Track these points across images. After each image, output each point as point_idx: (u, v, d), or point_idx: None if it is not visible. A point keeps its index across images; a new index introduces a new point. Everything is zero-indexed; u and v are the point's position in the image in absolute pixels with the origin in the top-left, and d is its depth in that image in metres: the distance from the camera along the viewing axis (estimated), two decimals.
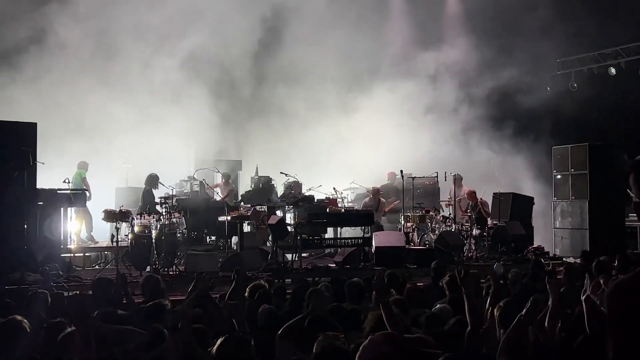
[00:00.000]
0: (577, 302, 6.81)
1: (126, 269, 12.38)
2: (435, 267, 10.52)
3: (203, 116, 18.78)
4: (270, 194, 17.04)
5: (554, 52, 21.08)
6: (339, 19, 20.02)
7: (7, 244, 10.78)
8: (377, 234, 14.53)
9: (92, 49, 17.88)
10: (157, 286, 8.16)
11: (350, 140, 19.97)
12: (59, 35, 17.38)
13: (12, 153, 10.97)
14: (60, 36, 17.39)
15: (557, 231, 18.00)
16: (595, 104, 19.71)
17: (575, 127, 19.69)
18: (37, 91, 16.82)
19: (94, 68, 17.79)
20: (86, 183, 15.63)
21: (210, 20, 18.55)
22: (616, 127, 19.22)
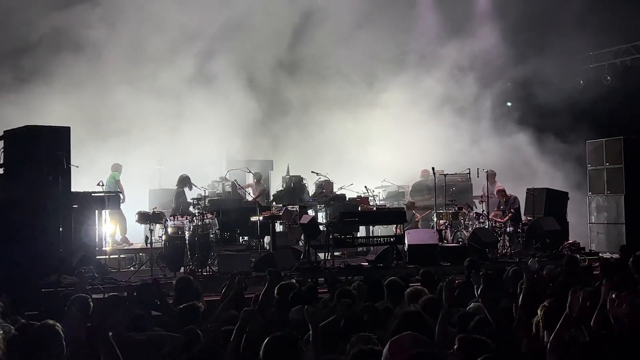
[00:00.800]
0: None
1: (160, 270, 12.50)
2: (468, 265, 10.44)
3: (234, 117, 18.88)
4: (301, 194, 17.06)
5: (586, 45, 20.74)
6: (366, 17, 19.97)
7: (43, 247, 10.89)
8: (410, 232, 14.45)
9: (124, 52, 18.02)
10: (189, 287, 8.21)
11: (381, 138, 19.89)
12: (90, 38, 17.60)
13: (47, 157, 11.09)
14: (91, 39, 17.61)
15: (593, 226, 17.77)
16: (629, 96, 19.38)
17: (609, 121, 19.38)
18: (69, 95, 17.04)
19: (126, 71, 17.96)
20: (120, 185, 15.77)
21: (240, 21, 18.62)
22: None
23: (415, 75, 20.35)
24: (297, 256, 13.50)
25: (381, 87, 20.55)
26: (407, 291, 7.41)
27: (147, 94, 18.00)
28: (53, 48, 17.15)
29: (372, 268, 13.22)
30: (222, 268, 12.40)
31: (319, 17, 19.72)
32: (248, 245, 15.53)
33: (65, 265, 11.07)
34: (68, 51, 17.43)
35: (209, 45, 18.62)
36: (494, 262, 13.77)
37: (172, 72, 18.23)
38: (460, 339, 4.68)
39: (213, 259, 13.23)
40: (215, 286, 11.32)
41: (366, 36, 19.99)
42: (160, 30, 18.07)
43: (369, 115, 20.15)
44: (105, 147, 16.99)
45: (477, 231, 14.84)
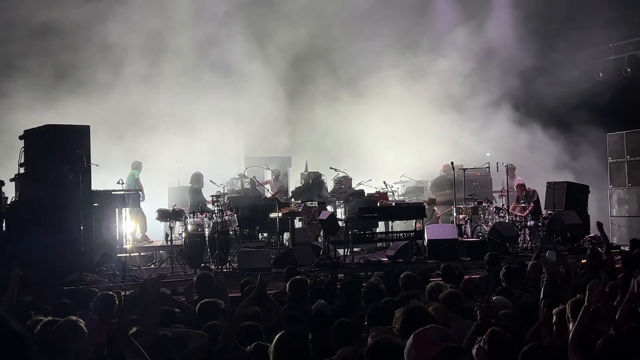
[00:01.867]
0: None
1: (181, 267, 12.55)
2: (489, 259, 10.42)
3: (252, 114, 18.95)
4: (320, 190, 17.05)
5: (605, 37, 20.54)
6: (381, 16, 19.94)
7: (65, 245, 10.96)
8: (430, 227, 14.44)
9: (142, 51, 18.08)
10: (210, 283, 8.25)
11: (399, 133, 19.80)
12: (107, 36, 17.65)
13: (67, 156, 11.15)
14: (108, 37, 17.67)
15: (614, 219, 17.64)
16: None
17: (630, 113, 19.20)
18: (88, 94, 17.16)
19: (145, 70, 18.00)
20: (139, 184, 15.85)
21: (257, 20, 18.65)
22: None
23: (433, 71, 20.27)
24: (317, 252, 13.52)
25: (398, 82, 20.47)
26: (428, 286, 7.39)
27: (165, 92, 18.11)
28: (73, 47, 17.19)
29: (392, 263, 13.20)
30: (242, 264, 12.45)
31: (337, 13, 19.71)
32: (267, 242, 15.59)
33: (86, 263, 11.15)
34: (87, 50, 17.51)
35: (227, 45, 18.65)
36: (515, 257, 13.69)
37: (190, 70, 18.29)
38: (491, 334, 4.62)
39: (233, 256, 13.28)
40: (236, 282, 11.37)
41: (383, 33, 19.94)
42: (178, 31, 18.12)
43: (387, 110, 20.06)
44: (124, 146, 17.06)
45: (497, 225, 14.78)
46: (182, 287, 11.35)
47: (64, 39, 17.00)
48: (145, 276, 11.67)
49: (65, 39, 17.01)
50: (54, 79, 17.19)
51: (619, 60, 21.23)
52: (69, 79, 17.21)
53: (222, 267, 12.41)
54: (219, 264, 12.46)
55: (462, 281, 8.41)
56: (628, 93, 19.70)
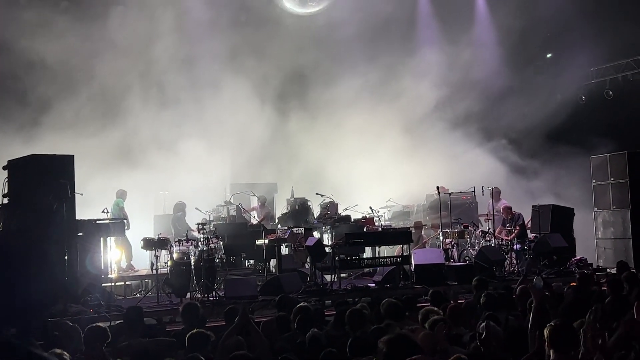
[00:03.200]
0: (623, 314, 6.68)
1: (167, 296, 12.44)
2: (477, 284, 10.39)
3: (237, 140, 18.95)
4: (306, 216, 17.04)
5: (587, 60, 20.79)
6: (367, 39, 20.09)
7: (49, 276, 10.84)
8: (416, 252, 14.43)
9: (131, 81, 18.08)
10: (196, 313, 8.19)
11: (385, 159, 19.86)
12: (92, 68, 17.67)
13: (51, 186, 11.08)
14: (93, 68, 17.67)
15: (600, 242, 17.70)
16: (632, 111, 19.37)
17: (613, 136, 19.37)
18: (71, 124, 17.12)
19: (130, 98, 18.00)
20: (124, 212, 15.72)
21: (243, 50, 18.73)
22: None
23: (416, 98, 20.38)
24: (304, 279, 13.44)
25: (382, 107, 20.56)
26: (421, 311, 7.35)
27: (150, 120, 18.07)
28: (55, 78, 17.17)
29: (379, 289, 13.15)
30: (228, 293, 12.35)
31: (321, 37, 19.84)
32: (254, 269, 15.51)
33: (71, 294, 11.02)
34: (70, 81, 17.49)
35: (212, 73, 18.71)
36: (502, 280, 13.68)
37: (175, 98, 18.30)
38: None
39: (219, 284, 13.19)
40: (222, 311, 11.29)
41: (367, 57, 20.09)
42: (162, 61, 18.17)
43: (371, 135, 20.16)
44: (109, 174, 16.99)
45: (483, 249, 14.78)
46: (167, 316, 11.33)
47: (46, 71, 17.00)
48: (130, 305, 11.59)
49: (47, 71, 17.00)
50: (36, 110, 17.15)
51: (600, 83, 21.52)
52: (52, 110, 17.16)
53: (208, 296, 12.31)
54: (205, 293, 12.35)
55: (448, 307, 8.35)
56: (610, 116, 19.89)
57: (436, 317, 6.71)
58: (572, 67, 20.80)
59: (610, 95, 21.17)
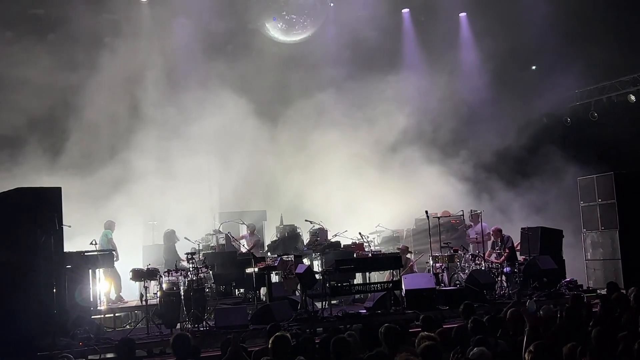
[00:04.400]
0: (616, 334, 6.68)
1: (157, 327, 12.33)
2: (464, 309, 10.32)
3: (225, 169, 18.94)
4: (296, 243, 17.02)
5: (571, 83, 20.98)
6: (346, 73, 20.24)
7: (38, 309, 10.75)
8: (407, 277, 14.37)
9: (116, 112, 18.08)
10: (187, 345, 8.10)
11: (373, 183, 19.88)
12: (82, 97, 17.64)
13: (39, 219, 11.03)
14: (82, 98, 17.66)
15: (589, 263, 17.74)
16: (617, 132, 19.52)
17: (599, 157, 19.52)
18: (59, 154, 17.09)
19: (116, 129, 17.98)
20: (112, 243, 15.61)
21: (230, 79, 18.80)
22: (639, 155, 18.93)
23: (402, 121, 20.47)
24: (295, 307, 13.37)
25: (371, 132, 20.63)
26: (418, 337, 7.31)
27: (137, 150, 18.04)
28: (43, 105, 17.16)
29: (371, 315, 13.10)
30: (219, 322, 12.26)
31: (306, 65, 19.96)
32: (244, 298, 15.41)
33: (60, 327, 10.91)
34: (59, 110, 17.48)
35: (199, 100, 18.74)
36: (493, 304, 13.67)
37: (162, 127, 18.28)
38: None
39: (209, 313, 13.09)
40: (213, 341, 11.21)
41: (353, 85, 20.21)
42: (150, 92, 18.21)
43: (359, 161, 20.20)
44: (97, 204, 16.92)
45: (474, 273, 14.78)
46: (158, 347, 11.23)
47: (34, 97, 17.01)
48: (120, 337, 11.48)
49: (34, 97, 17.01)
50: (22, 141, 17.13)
51: (585, 105, 21.70)
52: (40, 140, 17.14)
53: (198, 326, 12.21)
54: (196, 323, 12.25)
55: (437, 332, 8.30)
56: (596, 137, 20.03)
57: (427, 342, 6.67)
58: (557, 89, 20.97)
59: (595, 117, 21.35)
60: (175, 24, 19.24)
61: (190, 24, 19.05)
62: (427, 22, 21.71)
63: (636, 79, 20.54)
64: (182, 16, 19.24)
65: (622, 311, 9.10)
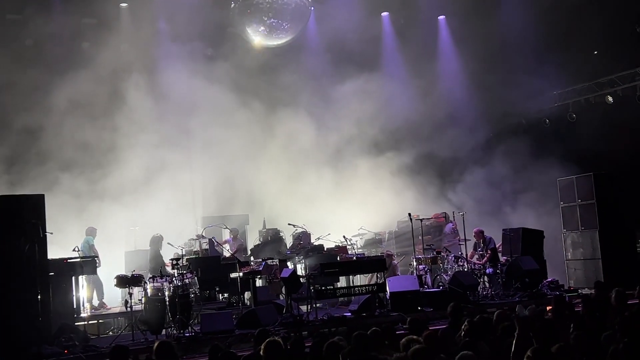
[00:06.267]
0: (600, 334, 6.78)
1: (142, 334, 12.27)
2: (452, 310, 10.36)
3: (207, 173, 18.89)
4: (279, 246, 17.04)
5: (549, 85, 21.18)
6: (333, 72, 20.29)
7: (22, 318, 10.65)
8: (391, 279, 14.41)
9: (100, 106, 17.95)
10: (171, 352, 8.07)
11: (355, 185, 19.94)
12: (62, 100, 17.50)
13: (22, 227, 10.91)
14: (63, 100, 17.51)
15: (570, 263, 17.92)
16: (596, 133, 19.71)
17: (578, 158, 19.71)
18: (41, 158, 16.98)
19: (100, 131, 17.86)
20: (94, 250, 15.51)
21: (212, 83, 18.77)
22: (618, 155, 19.15)
23: (383, 126, 20.55)
24: (280, 311, 13.37)
25: (351, 136, 20.67)
26: (402, 341, 7.33)
27: (118, 155, 17.95)
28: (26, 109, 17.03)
29: (356, 318, 13.14)
30: (204, 328, 12.20)
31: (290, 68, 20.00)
32: (229, 302, 15.37)
33: (45, 335, 10.84)
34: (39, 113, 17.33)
35: (180, 104, 18.70)
36: (476, 305, 13.77)
37: (144, 132, 18.18)
38: None
39: (194, 319, 13.04)
40: (199, 347, 11.18)
41: (335, 88, 20.26)
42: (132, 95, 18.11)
43: (341, 164, 20.26)
44: (78, 211, 16.81)
45: (457, 274, 14.86)
46: (144, 354, 11.16)
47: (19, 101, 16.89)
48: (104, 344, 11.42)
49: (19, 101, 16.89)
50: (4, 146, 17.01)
51: (564, 106, 21.90)
52: (21, 147, 17.02)
53: (184, 332, 12.16)
54: (181, 329, 12.21)
55: (423, 335, 8.28)
56: (575, 138, 20.22)
57: (417, 346, 6.70)
58: (536, 90, 21.14)
59: (573, 118, 21.57)
60: (156, 28, 19.13)
61: (171, 29, 18.95)
62: (406, 25, 21.78)
63: (613, 80, 20.77)
64: (162, 20, 19.13)
65: (604, 311, 9.22)
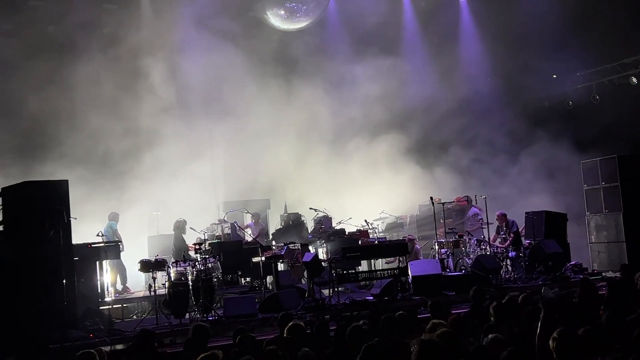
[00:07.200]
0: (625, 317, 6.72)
1: (165, 317, 12.38)
2: (474, 294, 10.34)
3: (228, 158, 18.92)
4: (301, 231, 17.04)
5: (573, 66, 20.94)
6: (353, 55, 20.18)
7: (48, 302, 10.77)
8: (413, 263, 14.38)
9: (122, 91, 18.02)
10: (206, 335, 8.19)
11: (377, 168, 19.88)
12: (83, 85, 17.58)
13: (47, 212, 11.01)
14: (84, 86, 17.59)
15: (593, 246, 17.78)
16: (619, 114, 19.48)
17: (602, 140, 19.50)
18: (65, 145, 17.09)
19: (123, 116, 17.93)
20: (118, 235, 15.64)
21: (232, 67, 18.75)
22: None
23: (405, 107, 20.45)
24: (302, 295, 13.41)
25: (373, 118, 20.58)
26: (428, 326, 7.31)
27: (141, 139, 18.02)
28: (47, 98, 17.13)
29: (378, 302, 13.14)
30: (227, 312, 12.29)
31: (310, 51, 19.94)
32: (251, 286, 15.45)
33: (70, 319, 10.96)
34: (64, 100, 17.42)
35: (201, 89, 18.70)
36: (499, 289, 13.71)
37: (165, 116, 18.23)
38: None
39: (217, 303, 13.12)
40: (222, 331, 11.25)
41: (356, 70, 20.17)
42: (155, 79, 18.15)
43: (364, 147, 20.20)
44: (102, 196, 16.92)
45: (479, 258, 14.82)
46: (168, 338, 11.26)
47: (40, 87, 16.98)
48: (131, 328, 11.53)
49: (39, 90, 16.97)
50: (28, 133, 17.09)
51: (587, 88, 21.64)
52: (44, 134, 17.12)
53: (207, 316, 12.24)
54: (204, 313, 12.29)
55: (449, 319, 8.28)
56: (598, 120, 20.01)
57: (444, 329, 6.67)
58: (559, 72, 20.92)
59: (597, 100, 21.31)
60: (176, 12, 19.11)
61: (191, 12, 18.91)
62: (427, 7, 21.61)
63: (638, 61, 20.46)
64: (183, 4, 19.10)
65: (629, 294, 9.14)
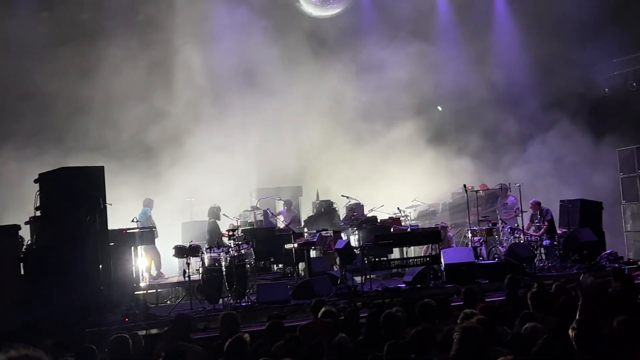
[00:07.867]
0: None
1: (200, 303, 12.50)
2: (509, 282, 10.27)
3: (261, 144, 18.97)
4: (333, 218, 17.06)
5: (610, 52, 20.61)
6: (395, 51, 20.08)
7: (85, 287, 10.93)
8: (446, 251, 14.34)
9: (156, 79, 18.13)
10: (236, 323, 8.25)
11: (408, 155, 19.79)
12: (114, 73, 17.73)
13: (83, 198, 11.17)
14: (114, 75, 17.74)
15: (629, 234, 17.57)
16: None
17: (638, 127, 19.21)
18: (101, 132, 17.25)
19: (156, 104, 18.06)
20: (152, 221, 15.77)
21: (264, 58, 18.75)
22: None
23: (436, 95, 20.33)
24: (334, 281, 13.45)
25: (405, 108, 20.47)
26: (461, 315, 7.29)
27: (174, 126, 18.13)
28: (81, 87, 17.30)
29: (411, 290, 13.13)
30: (260, 298, 12.39)
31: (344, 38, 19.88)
32: (283, 273, 15.53)
33: (106, 304, 11.11)
34: (94, 87, 17.58)
35: (234, 79, 18.78)
36: (533, 277, 13.60)
37: (198, 103, 18.33)
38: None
39: (250, 289, 13.21)
40: (255, 317, 11.35)
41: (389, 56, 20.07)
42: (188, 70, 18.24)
43: (395, 134, 20.11)
44: (136, 182, 17.07)
45: (513, 246, 14.72)
46: (202, 323, 11.38)
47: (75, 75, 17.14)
48: (165, 313, 11.67)
49: (74, 78, 17.14)
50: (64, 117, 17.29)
51: (623, 75, 21.28)
52: (78, 119, 17.31)
53: (240, 302, 12.34)
54: (238, 299, 12.40)
55: (479, 307, 8.20)
56: (635, 107, 19.70)
57: (479, 317, 6.65)
58: (595, 59, 20.61)
59: (633, 87, 20.95)
60: None
61: None
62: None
63: None
64: None
65: None
